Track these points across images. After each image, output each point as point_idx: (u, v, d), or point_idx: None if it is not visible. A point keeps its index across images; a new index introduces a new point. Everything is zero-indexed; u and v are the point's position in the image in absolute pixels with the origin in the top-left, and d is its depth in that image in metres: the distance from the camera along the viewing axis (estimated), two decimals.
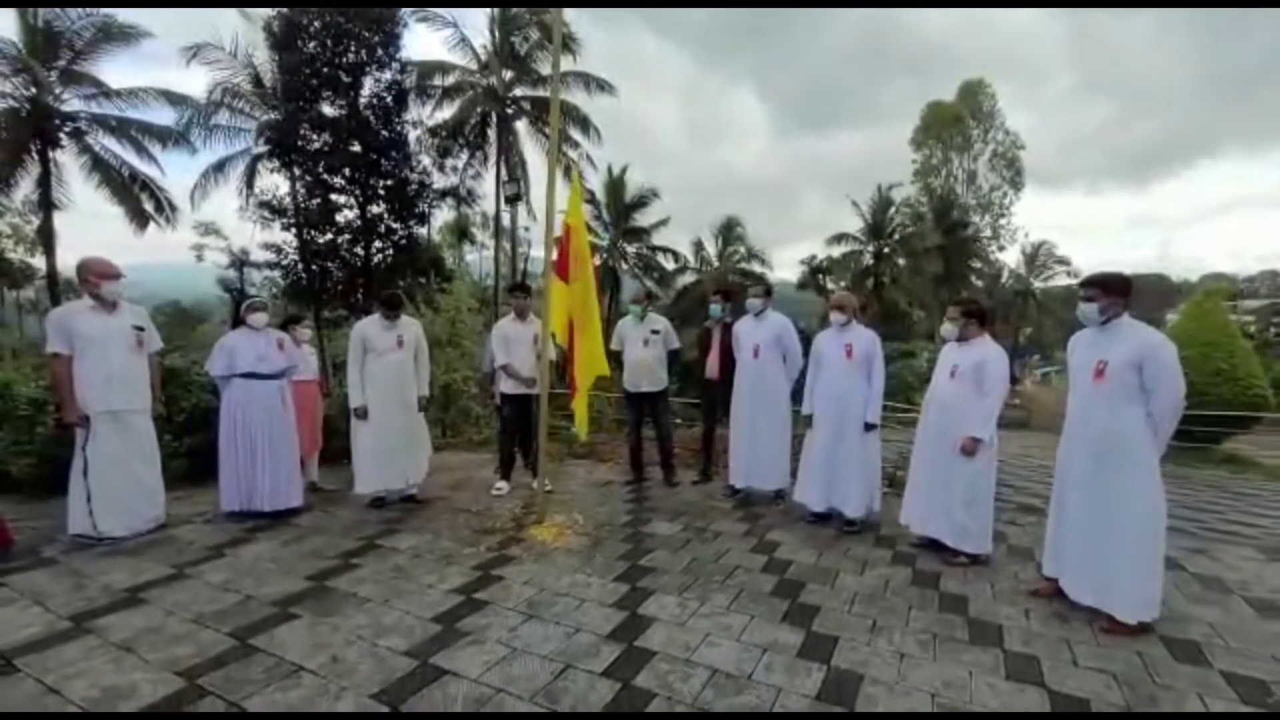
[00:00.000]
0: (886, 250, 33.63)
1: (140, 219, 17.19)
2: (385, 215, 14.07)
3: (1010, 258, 40.35)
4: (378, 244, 14.04)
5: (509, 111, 19.77)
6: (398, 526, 4.63)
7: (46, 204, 16.46)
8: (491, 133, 19.68)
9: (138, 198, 17.14)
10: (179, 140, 16.34)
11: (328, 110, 13.49)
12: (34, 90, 15.51)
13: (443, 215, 22.61)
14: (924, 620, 3.23)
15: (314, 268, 13.60)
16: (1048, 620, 3.24)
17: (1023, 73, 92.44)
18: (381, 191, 13.91)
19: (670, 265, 30.30)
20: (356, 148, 13.41)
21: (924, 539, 4.19)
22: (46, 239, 17.07)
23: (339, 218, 13.88)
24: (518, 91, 19.91)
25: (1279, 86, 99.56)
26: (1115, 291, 3.26)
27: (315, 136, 13.40)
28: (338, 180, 13.66)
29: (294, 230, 13.72)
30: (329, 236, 13.73)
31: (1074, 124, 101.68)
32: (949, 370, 4.04)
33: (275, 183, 14.40)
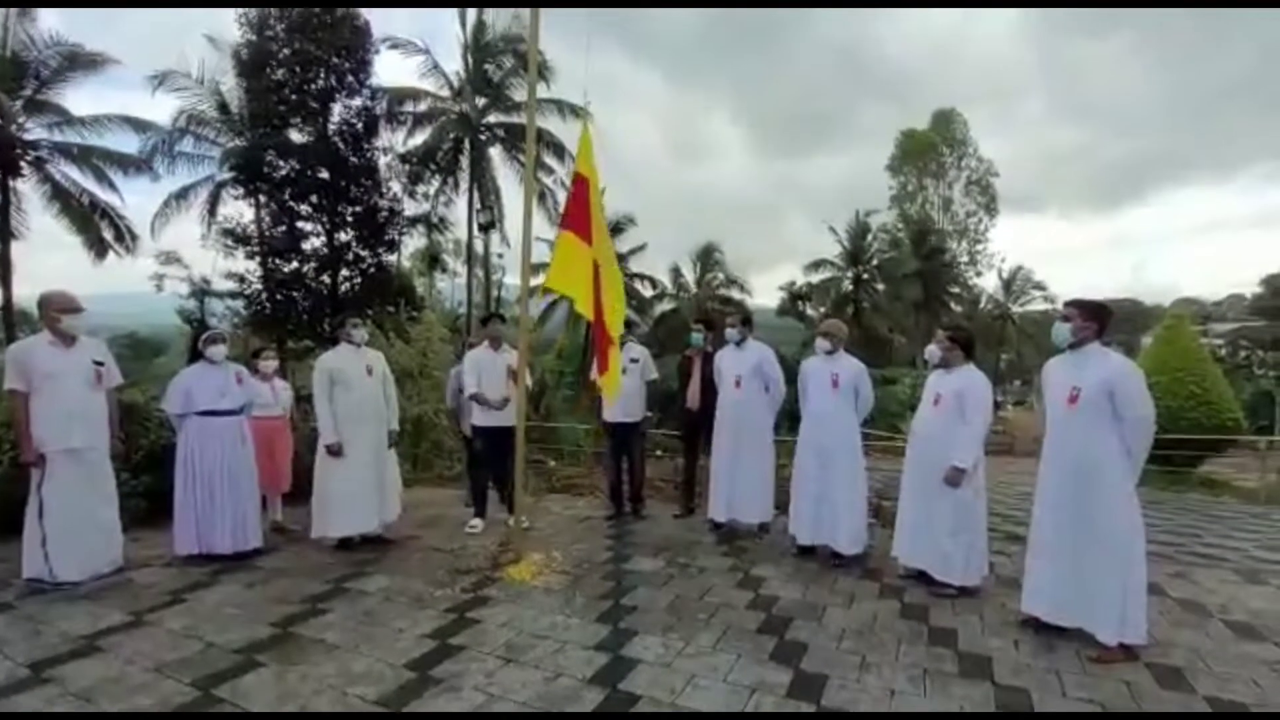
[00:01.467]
0: (865, 276, 34.18)
1: (99, 248, 16.79)
2: (354, 243, 13.96)
3: (988, 283, 41.05)
4: (345, 272, 13.91)
5: (482, 138, 19.81)
6: (367, 568, 4.46)
7: (4, 233, 16.00)
8: (464, 159, 19.68)
9: (97, 226, 16.76)
10: (141, 167, 16.07)
11: (296, 137, 13.40)
12: None
13: (414, 242, 22.42)
14: (914, 655, 3.19)
15: (279, 297, 13.38)
16: (1036, 651, 3.23)
17: (994, 99, 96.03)
18: (350, 218, 13.81)
19: (648, 292, 30.34)
20: (325, 174, 13.32)
21: (912, 571, 4.15)
22: (3, 269, 16.56)
23: (305, 245, 13.73)
24: (491, 118, 19.99)
25: (1243, 113, 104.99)
26: (1091, 316, 3.32)
27: (282, 163, 13.28)
28: (304, 207, 13.55)
29: (258, 258, 13.52)
30: (294, 265, 13.57)
31: (1046, 149, 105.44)
32: (933, 399, 4.05)
33: (239, 210, 14.27)
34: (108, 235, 16.98)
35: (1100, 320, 3.32)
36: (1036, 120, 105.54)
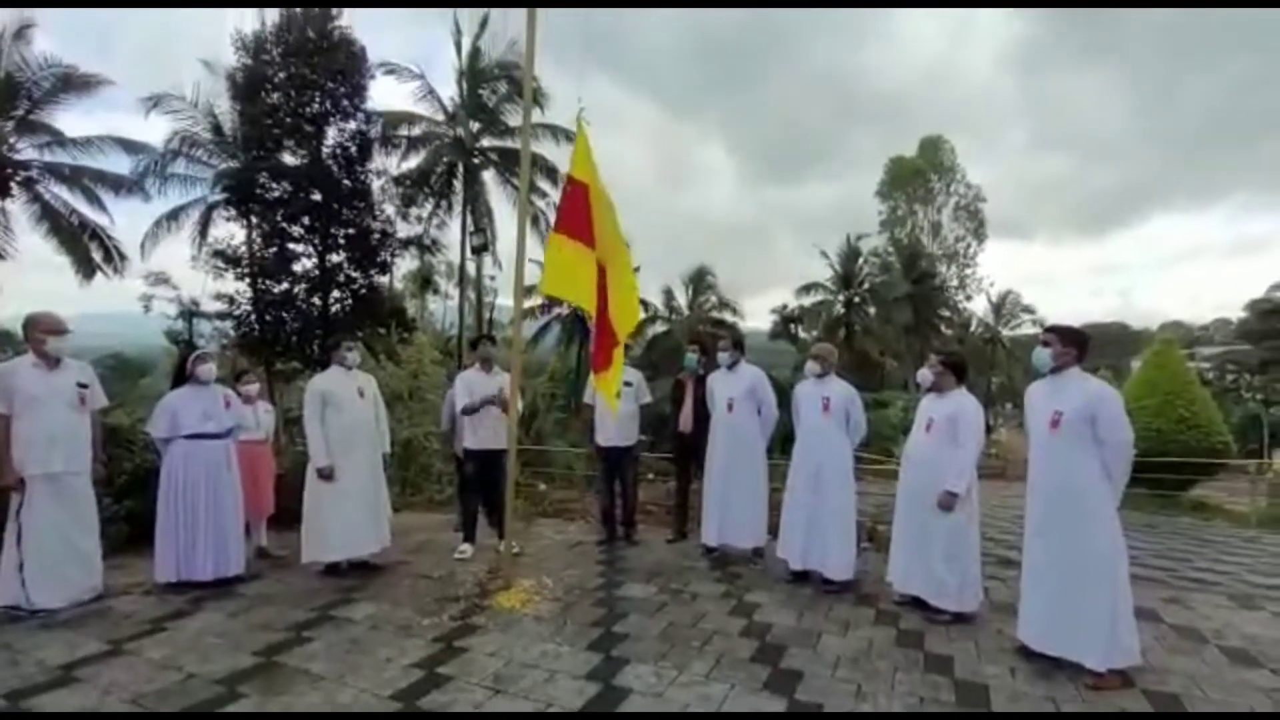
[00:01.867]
0: (857, 300, 34.32)
1: (87, 268, 16.66)
2: (345, 264, 13.89)
3: (978, 306, 41.03)
4: (336, 293, 13.82)
5: (476, 161, 19.90)
6: (353, 595, 4.37)
7: None
8: (458, 182, 19.75)
9: (86, 247, 16.63)
10: (133, 188, 16.01)
11: (289, 159, 13.41)
12: None
13: (406, 264, 22.39)
14: (909, 683, 3.14)
15: (267, 318, 13.28)
16: (1033, 679, 3.19)
17: (980, 129, 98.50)
18: (342, 240, 13.76)
19: (641, 315, 30.33)
20: (317, 196, 13.30)
21: (906, 596, 4.12)
22: None
23: (296, 267, 13.65)
24: (485, 142, 20.10)
25: (1220, 145, 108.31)
26: (1070, 342, 3.38)
27: (275, 185, 13.28)
28: (296, 229, 13.49)
29: (248, 280, 13.45)
30: (285, 286, 13.48)
31: (1032, 177, 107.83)
32: (925, 423, 4.05)
33: (230, 231, 14.17)
34: (96, 256, 16.86)
35: (1079, 346, 3.38)
36: (1022, 149, 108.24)
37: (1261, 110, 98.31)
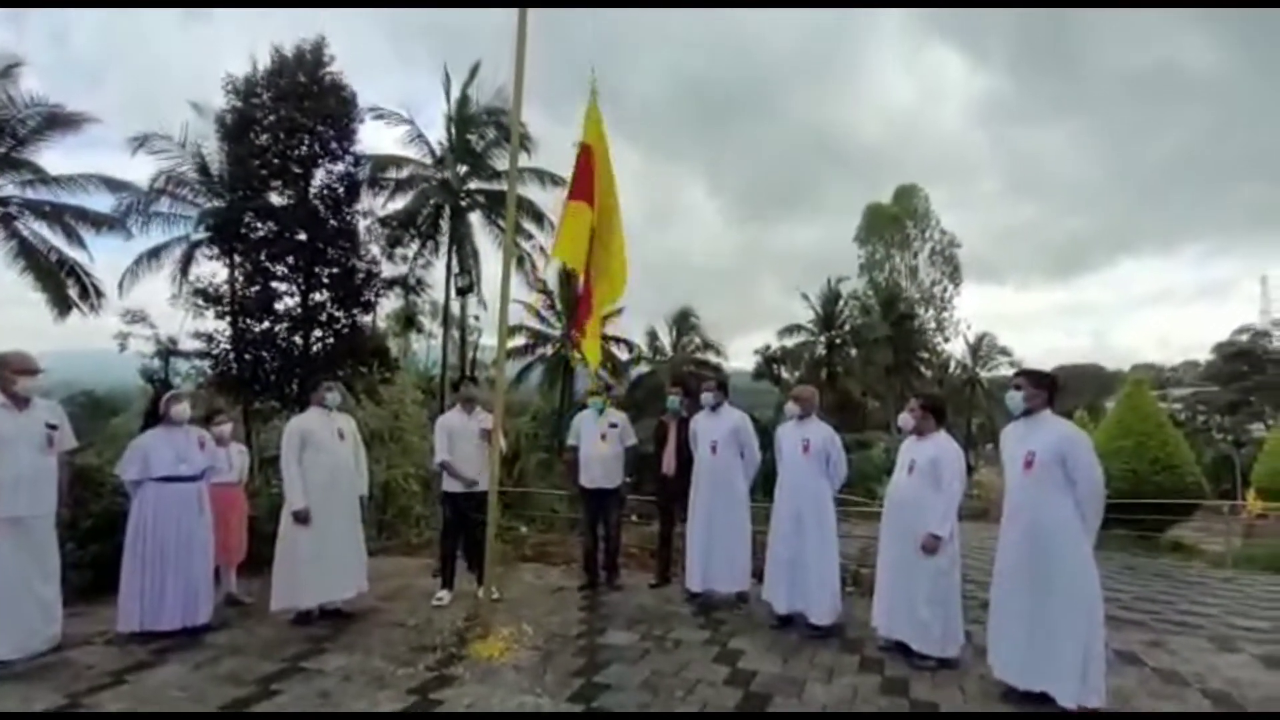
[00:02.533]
0: (838, 341, 34.90)
1: (63, 305, 16.41)
2: (328, 303, 13.89)
3: (956, 348, 41.70)
4: (318, 332, 13.78)
5: (463, 204, 20.11)
6: (325, 645, 4.22)
7: None
8: (444, 223, 19.90)
9: (63, 283, 16.42)
10: (114, 226, 15.93)
11: (276, 199, 13.49)
12: None
13: (390, 303, 22.37)
14: None
15: (247, 357, 13.17)
16: None
17: (953, 177, 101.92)
18: (326, 279, 13.79)
19: (624, 355, 30.44)
20: (302, 236, 13.36)
21: (890, 642, 4.07)
22: None
23: (279, 305, 13.62)
24: (472, 185, 20.35)
25: (1183, 193, 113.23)
26: (1040, 385, 3.50)
27: (260, 225, 13.32)
28: (280, 268, 13.51)
29: (228, 318, 13.37)
30: (266, 324, 13.42)
31: (1004, 224, 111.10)
32: (907, 466, 4.07)
33: (213, 270, 14.14)
34: (73, 292, 16.63)
35: (1048, 388, 3.50)
36: (993, 197, 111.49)
37: (1224, 159, 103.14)
